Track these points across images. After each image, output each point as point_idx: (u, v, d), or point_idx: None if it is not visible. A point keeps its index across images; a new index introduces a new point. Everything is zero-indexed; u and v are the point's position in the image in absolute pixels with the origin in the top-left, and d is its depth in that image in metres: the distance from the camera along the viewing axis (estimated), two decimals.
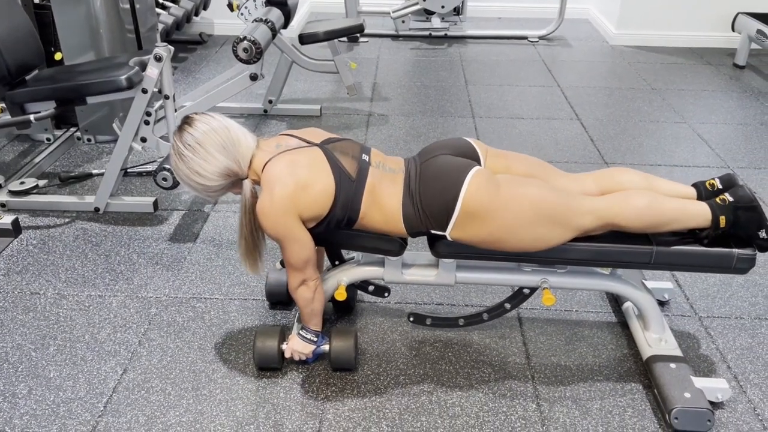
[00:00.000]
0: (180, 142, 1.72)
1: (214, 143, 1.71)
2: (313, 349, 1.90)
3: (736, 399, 1.86)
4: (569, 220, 1.72)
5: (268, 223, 1.71)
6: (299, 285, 1.80)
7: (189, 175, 1.74)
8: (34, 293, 2.26)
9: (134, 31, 3.31)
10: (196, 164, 1.71)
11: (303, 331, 1.89)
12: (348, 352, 1.89)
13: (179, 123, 1.76)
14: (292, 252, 1.74)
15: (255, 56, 2.91)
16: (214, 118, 1.75)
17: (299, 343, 1.89)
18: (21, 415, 1.77)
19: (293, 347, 1.89)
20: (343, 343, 1.89)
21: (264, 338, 1.89)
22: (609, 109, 3.90)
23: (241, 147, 1.74)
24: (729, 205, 1.75)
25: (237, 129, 1.76)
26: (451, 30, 5.27)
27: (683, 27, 5.06)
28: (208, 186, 1.76)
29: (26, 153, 3.23)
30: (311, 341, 1.89)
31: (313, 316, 1.86)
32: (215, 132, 1.71)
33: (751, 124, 3.71)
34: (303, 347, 1.89)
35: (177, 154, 1.73)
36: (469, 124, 3.65)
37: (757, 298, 2.28)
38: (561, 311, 2.21)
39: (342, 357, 1.89)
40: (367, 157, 1.81)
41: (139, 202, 2.74)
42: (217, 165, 1.72)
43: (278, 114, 3.74)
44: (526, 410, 1.82)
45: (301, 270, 1.78)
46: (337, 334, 1.91)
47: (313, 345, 1.90)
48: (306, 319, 1.88)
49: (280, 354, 1.90)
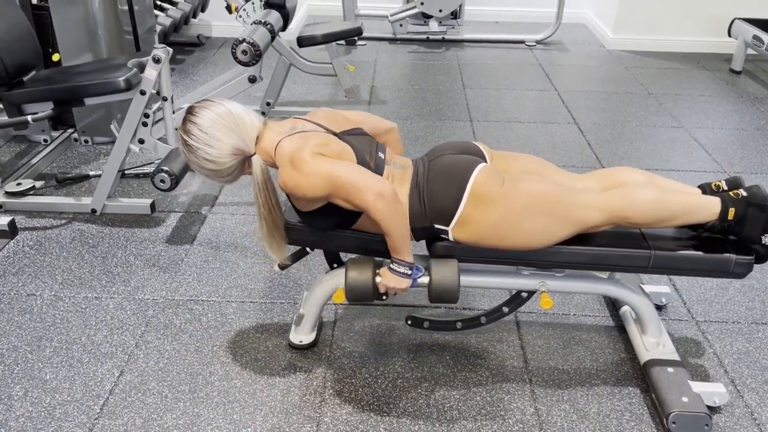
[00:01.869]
0: (185, 133, 1.73)
1: (219, 128, 1.71)
2: (410, 283, 1.76)
3: (733, 403, 1.86)
4: (572, 213, 1.72)
5: (304, 184, 1.64)
6: (375, 201, 1.63)
7: (200, 164, 1.74)
8: (30, 295, 2.25)
9: (132, 33, 3.30)
10: (204, 152, 1.71)
11: (395, 265, 1.73)
12: (451, 282, 1.72)
13: (184, 114, 1.76)
14: (347, 178, 1.64)
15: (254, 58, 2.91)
16: (215, 103, 1.75)
17: (394, 278, 1.74)
18: (17, 417, 1.76)
19: (387, 283, 1.75)
20: (446, 272, 1.72)
21: (357, 270, 1.75)
22: (606, 114, 3.91)
23: (245, 125, 1.73)
24: (742, 199, 1.74)
25: (239, 109, 1.76)
26: (448, 34, 5.28)
27: (680, 32, 5.08)
28: (220, 170, 1.75)
29: (23, 154, 3.21)
30: (406, 274, 1.74)
31: (403, 239, 1.69)
32: (218, 116, 1.71)
33: (747, 129, 3.73)
34: (398, 282, 1.74)
35: (185, 146, 1.74)
36: (467, 128, 3.66)
37: (754, 303, 2.29)
38: (558, 315, 2.21)
39: (445, 288, 1.72)
40: (383, 155, 1.83)
41: (136, 204, 2.74)
42: (224, 147, 1.71)
43: (276, 116, 3.74)
44: (523, 414, 1.82)
45: (367, 184, 1.64)
46: (438, 264, 1.75)
47: (409, 279, 1.74)
48: (396, 247, 1.70)
49: (375, 288, 1.76)
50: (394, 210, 1.65)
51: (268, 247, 1.81)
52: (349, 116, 1.91)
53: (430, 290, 1.75)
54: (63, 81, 2.52)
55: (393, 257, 1.74)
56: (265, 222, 1.77)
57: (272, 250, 1.81)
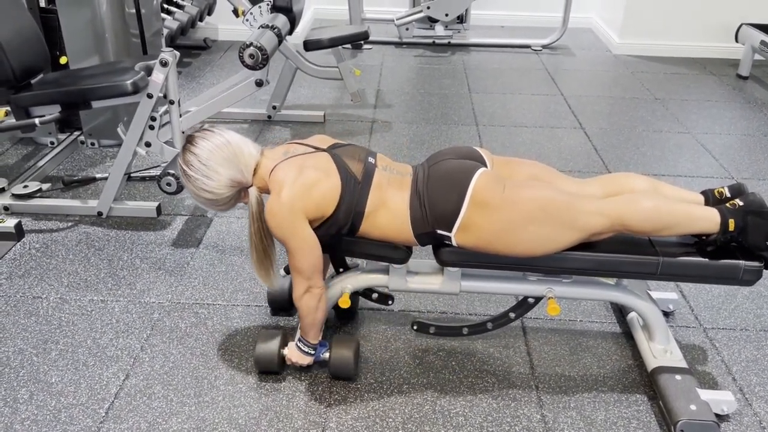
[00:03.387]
0: (185, 164, 1.79)
1: (217, 159, 1.76)
2: (312, 360, 1.90)
3: (741, 412, 1.85)
4: (575, 220, 1.71)
5: (276, 222, 1.72)
6: (304, 292, 1.79)
7: (197, 193, 1.81)
8: (36, 297, 2.25)
9: (139, 36, 3.31)
10: (201, 183, 1.77)
11: (300, 343, 1.88)
12: (347, 362, 1.87)
13: (183, 144, 1.81)
14: (299, 255, 1.74)
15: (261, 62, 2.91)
16: (214, 134, 1.80)
17: (297, 355, 1.89)
18: (22, 421, 1.76)
19: (291, 357, 1.89)
20: (344, 353, 1.87)
21: (265, 342, 1.88)
22: (612, 119, 3.90)
23: (244, 156, 1.79)
24: (739, 210, 1.73)
25: (238, 140, 1.81)
26: (454, 38, 5.28)
27: (686, 37, 5.07)
28: (216, 200, 1.81)
29: (30, 156, 3.22)
30: (308, 353, 1.88)
31: (312, 327, 1.84)
32: (217, 148, 1.77)
33: (754, 135, 3.71)
34: (301, 358, 1.89)
35: (184, 175, 1.80)
36: (473, 132, 3.65)
37: (762, 310, 2.27)
38: (565, 321, 2.20)
39: (342, 367, 1.88)
40: (373, 159, 1.85)
41: (142, 207, 2.74)
42: (222, 179, 1.77)
43: (282, 120, 3.74)
44: (530, 420, 1.81)
45: (307, 276, 1.77)
46: (338, 343, 1.89)
47: (311, 357, 1.89)
48: (305, 330, 1.86)
49: (281, 359, 1.90)
50: (315, 308, 1.80)
51: (257, 273, 1.84)
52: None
53: (329, 367, 1.89)
54: (70, 84, 2.53)
55: (301, 336, 1.88)
56: (256, 250, 1.81)
57: (260, 275, 1.86)
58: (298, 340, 1.88)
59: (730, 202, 1.77)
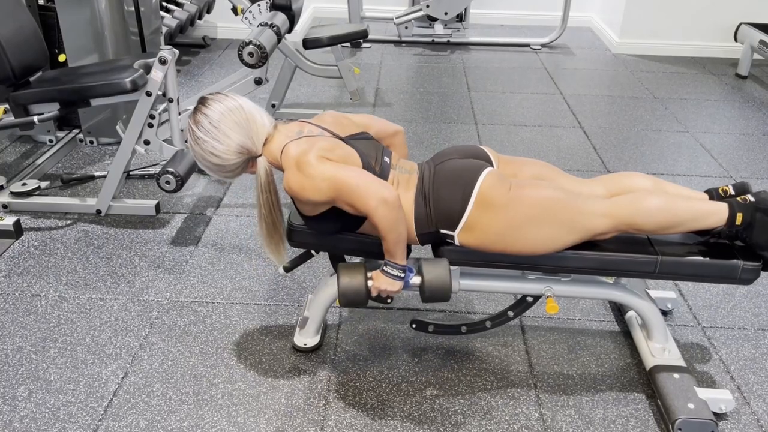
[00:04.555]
0: (195, 124, 1.72)
1: (228, 122, 1.71)
2: (402, 285, 1.74)
3: (739, 410, 1.85)
4: (579, 221, 1.71)
5: (309, 187, 1.64)
6: (377, 206, 1.61)
7: (204, 156, 1.74)
8: (34, 295, 2.25)
9: (138, 34, 3.31)
10: (210, 146, 1.71)
11: (388, 267, 1.71)
12: (444, 281, 1.69)
13: (196, 105, 1.75)
14: (352, 182, 1.63)
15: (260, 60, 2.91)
16: (228, 97, 1.75)
17: (386, 281, 1.72)
18: (21, 418, 1.76)
19: (380, 286, 1.73)
20: (439, 272, 1.70)
21: (349, 275, 1.73)
22: (611, 118, 3.90)
23: (256, 124, 1.74)
24: (750, 205, 1.72)
25: (251, 107, 1.76)
26: (453, 37, 5.28)
27: (686, 36, 5.07)
28: (223, 166, 1.75)
29: (28, 154, 3.22)
30: (399, 277, 1.72)
31: (398, 243, 1.67)
32: (230, 111, 1.71)
33: (753, 134, 3.72)
34: (391, 284, 1.72)
35: (192, 137, 1.73)
36: (472, 131, 3.65)
37: (761, 309, 2.27)
38: (564, 320, 2.20)
39: (438, 287, 1.70)
40: (389, 159, 1.83)
41: (141, 205, 2.74)
42: (231, 144, 1.71)
43: (281, 118, 3.74)
44: (528, 419, 1.81)
45: (371, 189, 1.62)
46: (429, 264, 1.72)
47: (401, 281, 1.72)
48: (390, 249, 1.68)
49: (368, 291, 1.74)
50: (396, 217, 1.64)
51: (267, 248, 1.80)
52: (356, 120, 1.91)
53: (422, 290, 1.73)
54: (69, 82, 2.53)
55: (387, 260, 1.72)
56: (265, 223, 1.77)
57: (270, 251, 1.81)
58: (384, 265, 1.72)
59: (741, 197, 1.75)
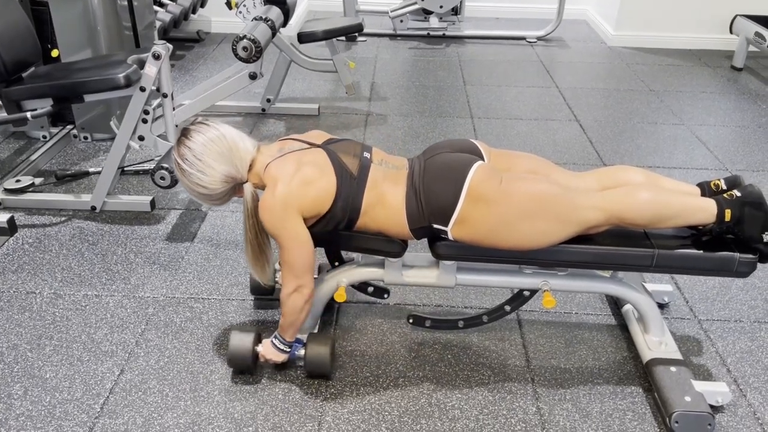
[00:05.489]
0: (179, 157, 1.77)
1: (212, 154, 1.74)
2: (287, 357, 1.86)
3: (736, 403, 1.86)
4: (571, 214, 1.71)
5: (269, 217, 1.70)
6: (293, 291, 1.76)
7: (192, 188, 1.79)
8: (29, 293, 2.23)
9: (132, 29, 3.29)
10: (196, 177, 1.76)
11: (277, 341, 1.84)
12: (323, 359, 1.83)
13: (178, 136, 1.79)
14: (292, 253, 1.73)
15: (255, 55, 2.90)
16: (209, 127, 1.78)
17: (273, 352, 1.85)
18: (16, 417, 1.76)
19: (266, 354, 1.85)
20: (320, 350, 1.83)
21: (238, 339, 1.84)
22: (607, 111, 3.90)
23: (239, 152, 1.77)
24: (736, 200, 1.73)
25: (234, 135, 1.79)
26: (449, 30, 5.26)
27: (681, 29, 5.06)
28: (210, 195, 1.80)
29: (22, 151, 3.20)
30: (284, 351, 1.85)
31: (292, 326, 1.81)
32: (212, 142, 1.75)
33: (749, 127, 3.72)
34: (276, 355, 1.85)
35: (178, 169, 1.78)
36: (468, 125, 3.64)
37: (757, 302, 2.28)
38: (560, 313, 2.20)
39: (317, 364, 1.84)
40: (369, 154, 1.83)
41: (136, 201, 2.73)
42: (216, 174, 1.75)
43: (276, 113, 3.73)
44: (526, 413, 1.81)
45: (297, 275, 1.74)
46: (313, 340, 1.85)
47: (286, 354, 1.85)
48: (284, 329, 1.82)
49: (254, 357, 1.85)
50: (301, 309, 1.78)
51: (252, 270, 1.84)
52: None
53: (304, 364, 1.85)
54: (62, 77, 2.51)
55: (277, 333, 1.84)
56: (251, 246, 1.80)
57: (256, 272, 1.85)
58: (274, 337, 1.85)
59: (728, 193, 1.77)
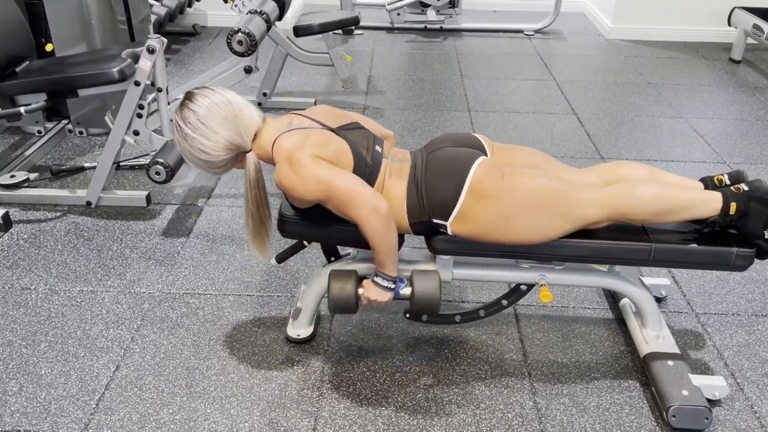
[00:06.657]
0: (181, 120, 1.69)
1: (216, 118, 1.67)
2: (392, 296, 1.75)
3: (733, 396, 1.85)
4: (572, 210, 1.70)
5: (300, 187, 1.63)
6: (368, 216, 1.62)
7: (192, 153, 1.71)
8: (24, 288, 2.22)
9: (126, 23, 3.27)
10: (198, 142, 1.68)
11: (379, 278, 1.73)
12: (433, 294, 1.72)
13: (181, 99, 1.72)
14: (341, 189, 1.63)
15: (250, 49, 2.88)
16: (215, 92, 1.71)
17: (376, 291, 1.74)
18: (12, 413, 1.75)
19: (370, 296, 1.75)
20: (428, 284, 1.72)
21: (340, 282, 1.74)
22: (605, 104, 3.88)
23: (244, 119, 1.71)
24: (743, 194, 1.71)
25: (239, 101, 1.73)
26: (446, 23, 5.24)
27: (679, 21, 5.05)
28: (212, 162, 1.73)
29: (17, 146, 3.18)
30: (389, 288, 1.74)
31: (389, 254, 1.68)
32: (216, 106, 1.68)
33: (747, 120, 3.71)
34: (380, 295, 1.74)
35: (179, 133, 1.70)
36: (465, 119, 3.63)
37: (754, 295, 2.28)
38: (557, 308, 2.20)
39: (427, 299, 1.72)
40: (380, 148, 1.81)
41: (131, 196, 2.71)
42: (220, 140, 1.68)
43: (273, 107, 3.71)
44: (523, 407, 1.81)
45: (362, 199, 1.63)
46: (420, 276, 1.75)
47: (391, 293, 1.74)
48: (381, 260, 1.70)
49: (357, 300, 1.76)
50: (386, 227, 1.65)
51: (252, 243, 1.79)
52: (348, 113, 1.89)
53: (412, 302, 1.75)
54: (56, 72, 2.49)
55: (378, 271, 1.74)
56: (252, 219, 1.76)
57: (255, 246, 1.80)
58: (375, 275, 1.75)
59: (735, 186, 1.74)
